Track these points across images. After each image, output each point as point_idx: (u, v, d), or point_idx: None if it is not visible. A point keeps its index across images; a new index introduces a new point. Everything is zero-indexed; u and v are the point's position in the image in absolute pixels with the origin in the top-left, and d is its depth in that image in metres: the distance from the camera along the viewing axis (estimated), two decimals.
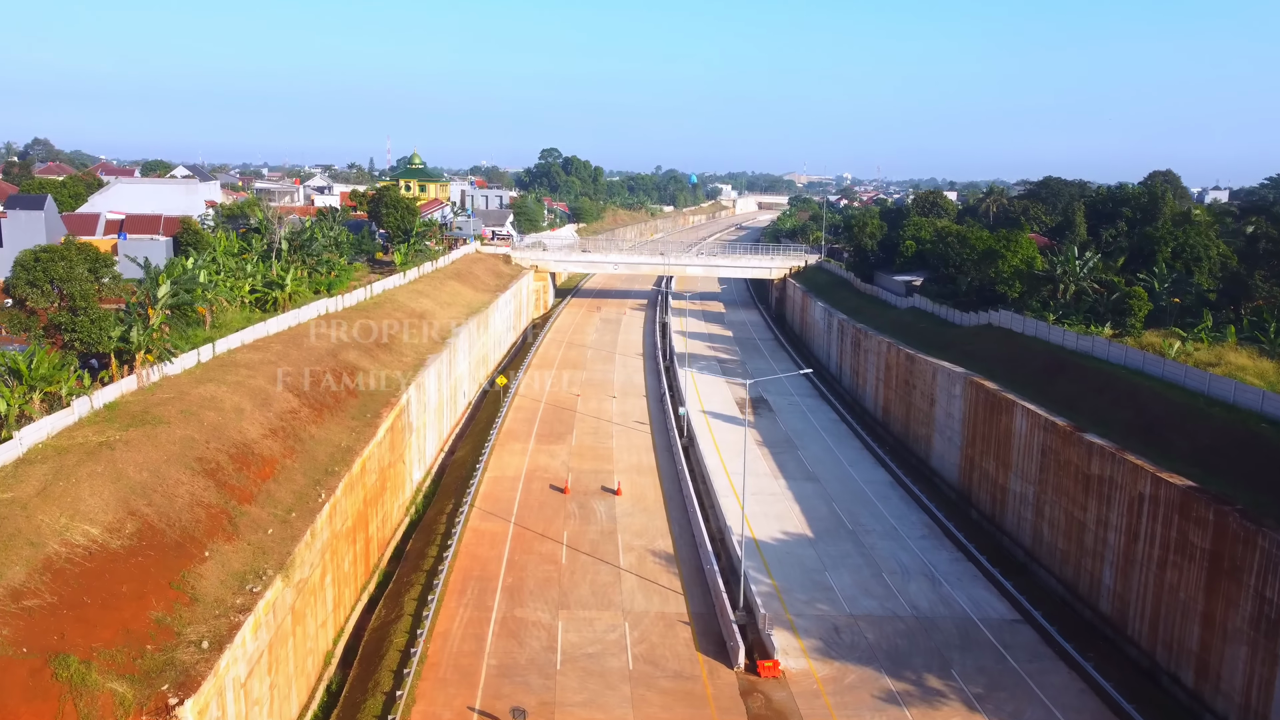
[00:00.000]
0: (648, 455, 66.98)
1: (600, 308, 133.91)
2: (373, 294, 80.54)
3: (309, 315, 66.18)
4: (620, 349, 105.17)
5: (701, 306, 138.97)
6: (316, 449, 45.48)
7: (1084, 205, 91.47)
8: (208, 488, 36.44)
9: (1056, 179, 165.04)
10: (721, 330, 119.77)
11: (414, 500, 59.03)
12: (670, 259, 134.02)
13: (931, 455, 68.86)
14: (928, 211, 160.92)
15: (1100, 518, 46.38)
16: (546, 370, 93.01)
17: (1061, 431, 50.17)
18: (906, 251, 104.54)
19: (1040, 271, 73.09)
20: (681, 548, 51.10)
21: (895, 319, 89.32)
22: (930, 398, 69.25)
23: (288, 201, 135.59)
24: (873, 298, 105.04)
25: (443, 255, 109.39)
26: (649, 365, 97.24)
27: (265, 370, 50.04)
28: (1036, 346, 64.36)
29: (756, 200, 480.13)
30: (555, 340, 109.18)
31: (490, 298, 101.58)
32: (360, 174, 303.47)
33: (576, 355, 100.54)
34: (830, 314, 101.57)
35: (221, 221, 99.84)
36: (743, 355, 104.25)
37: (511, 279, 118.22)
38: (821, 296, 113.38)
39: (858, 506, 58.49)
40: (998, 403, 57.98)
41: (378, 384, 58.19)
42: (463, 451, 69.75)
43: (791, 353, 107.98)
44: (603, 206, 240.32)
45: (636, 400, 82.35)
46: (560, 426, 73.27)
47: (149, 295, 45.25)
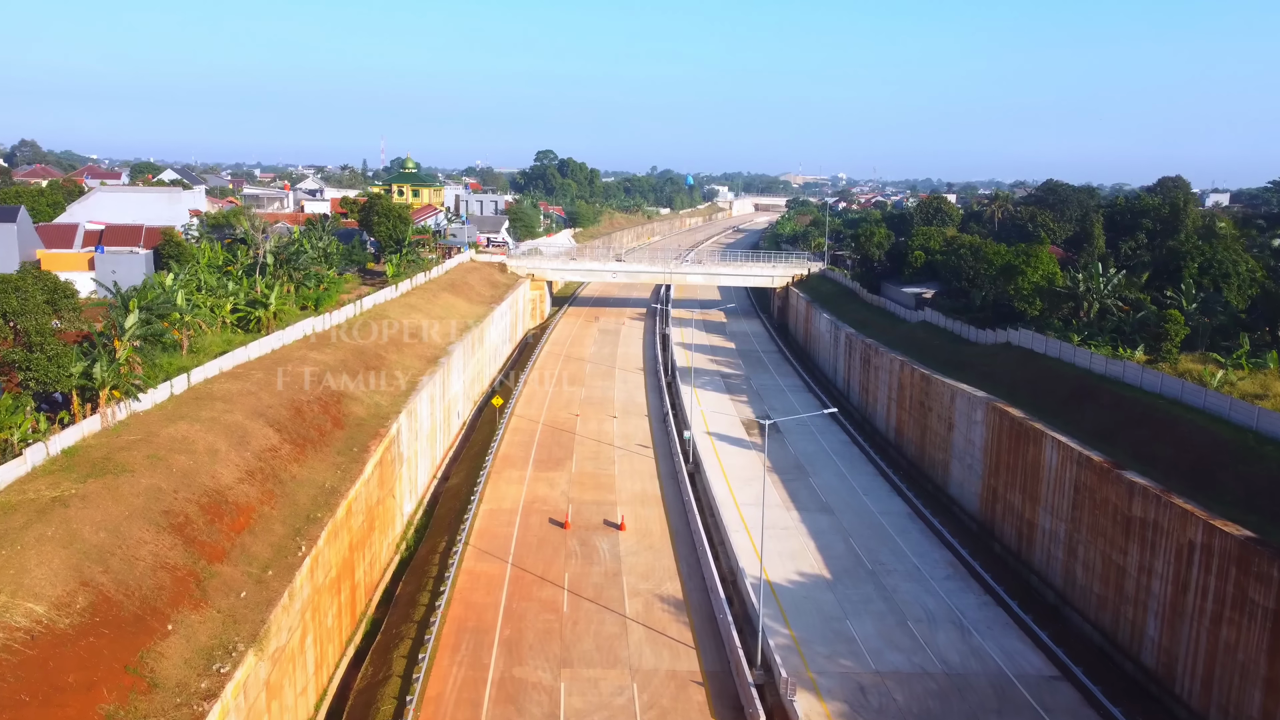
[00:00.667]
0: (652, 483, 63.56)
1: (598, 317, 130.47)
2: (362, 309, 77.03)
3: (294, 336, 62.66)
4: (620, 363, 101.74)
5: (702, 316, 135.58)
6: (298, 492, 41.98)
7: (1102, 216, 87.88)
8: (174, 546, 32.94)
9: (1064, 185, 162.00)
10: (723, 342, 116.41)
11: (405, 536, 55.56)
12: (670, 267, 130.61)
13: (949, 482, 65.56)
14: (931, 218, 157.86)
15: (1143, 564, 43.09)
16: (544, 387, 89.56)
17: (1098, 468, 46.87)
18: (915, 262, 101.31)
19: (1062, 288, 69.83)
20: (691, 592, 47.71)
21: (906, 334, 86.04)
22: (948, 422, 65.95)
23: (277, 208, 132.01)
24: (880, 309, 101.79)
25: (436, 265, 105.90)
26: (650, 381, 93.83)
27: (244, 403, 46.51)
28: (1061, 369, 61.08)
29: (753, 202, 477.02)
30: (553, 353, 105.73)
31: (485, 310, 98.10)
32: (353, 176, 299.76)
33: (575, 370, 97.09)
34: (837, 327, 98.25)
35: (206, 232, 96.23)
36: (746, 369, 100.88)
37: (507, 289, 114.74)
38: (826, 307, 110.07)
39: (876, 542, 55.14)
40: (1024, 432, 54.67)
41: (366, 412, 54.70)
42: (457, 478, 66.27)
43: (796, 366, 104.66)
44: (599, 210, 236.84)
45: (638, 420, 78.93)
46: (559, 451, 69.83)
47: (115, 325, 41.70)
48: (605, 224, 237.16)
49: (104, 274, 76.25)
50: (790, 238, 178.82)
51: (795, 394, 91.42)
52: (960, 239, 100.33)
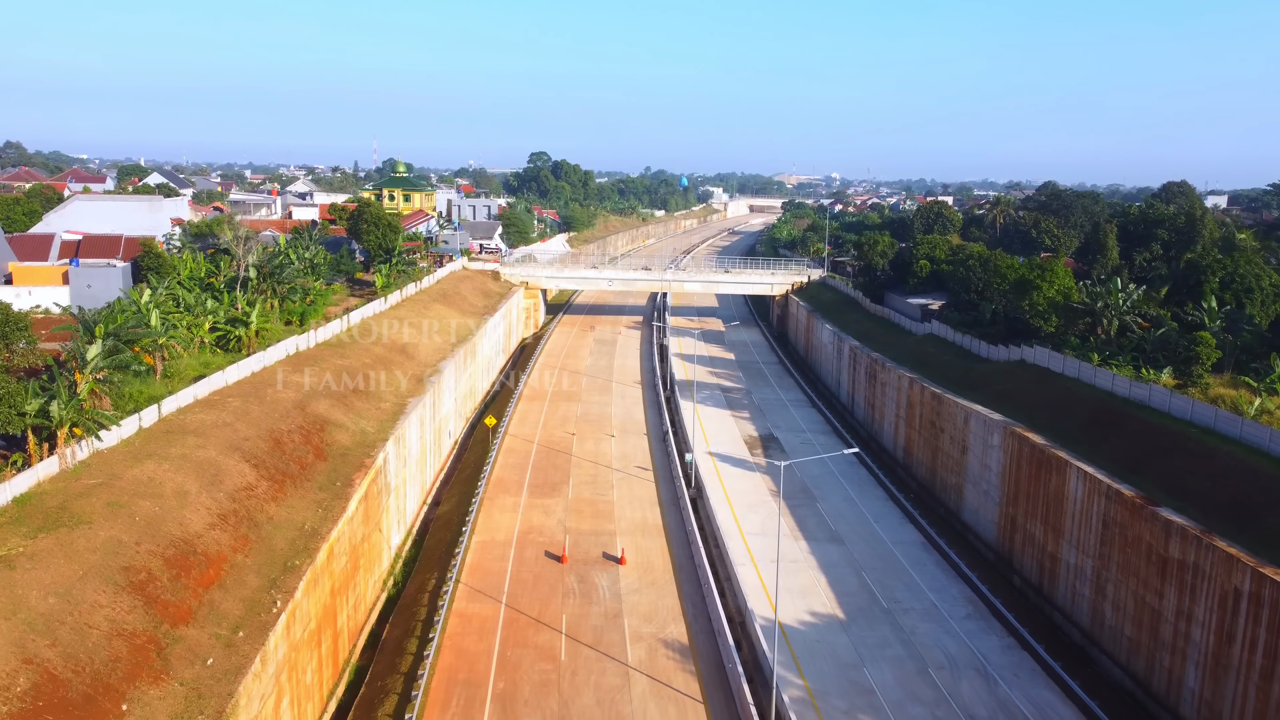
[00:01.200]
0: (652, 511, 60.60)
1: (594, 326, 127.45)
2: (349, 325, 73.92)
3: (276, 357, 59.54)
4: (617, 375, 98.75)
5: (700, 324, 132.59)
6: (275, 536, 38.92)
7: (1115, 227, 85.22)
8: (133, 608, 29.89)
9: (1068, 190, 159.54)
10: (723, 352, 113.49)
11: (392, 571, 52.51)
12: (668, 275, 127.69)
13: (963, 508, 62.77)
14: (932, 224, 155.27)
15: (1181, 609, 40.29)
16: (538, 403, 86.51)
17: (1129, 503, 44.08)
18: (920, 272, 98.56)
19: (1078, 304, 67.07)
20: (697, 635, 44.78)
21: (913, 348, 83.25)
22: (962, 445, 63.13)
23: (264, 214, 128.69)
24: (884, 320, 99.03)
25: (427, 274, 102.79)
26: (648, 395, 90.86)
27: (219, 435, 43.41)
28: (1082, 391, 58.32)
29: (748, 203, 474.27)
30: (548, 365, 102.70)
31: (478, 321, 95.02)
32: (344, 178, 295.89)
33: (570, 384, 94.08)
34: (840, 339, 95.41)
35: (188, 242, 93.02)
36: (747, 382, 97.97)
37: (500, 298, 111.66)
38: (828, 317, 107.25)
39: (890, 577, 52.27)
40: (1046, 460, 51.86)
41: (351, 440, 51.62)
42: (448, 505, 63.23)
43: (798, 379, 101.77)
44: (593, 213, 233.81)
45: (637, 439, 75.96)
46: (555, 474, 66.83)
47: (77, 356, 38.57)
48: (600, 227, 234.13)
49: (78, 288, 73.05)
50: (788, 243, 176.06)
51: (798, 409, 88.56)
52: (967, 249, 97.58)
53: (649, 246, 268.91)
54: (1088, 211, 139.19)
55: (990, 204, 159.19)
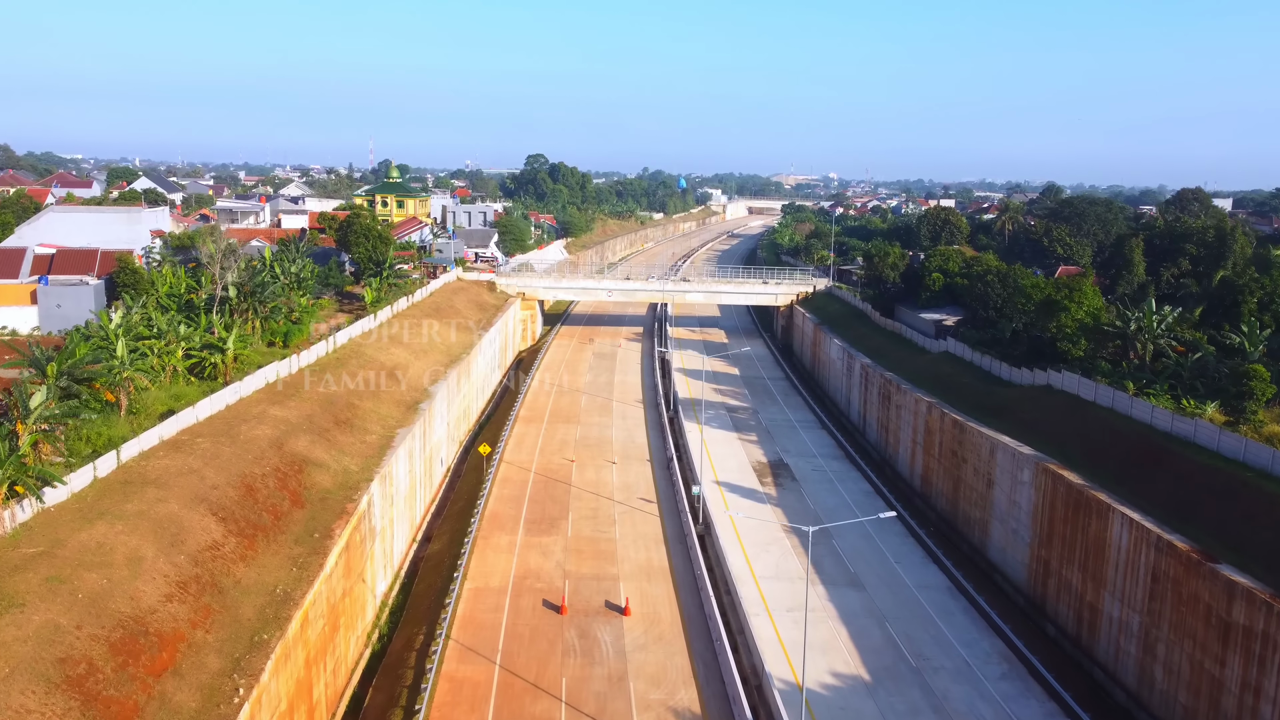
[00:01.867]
0: (658, 551, 56.62)
1: (593, 338, 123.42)
2: (336, 346, 69.91)
3: (254, 386, 55.50)
4: (618, 393, 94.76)
5: (702, 335, 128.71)
6: (242, 603, 34.90)
7: (1141, 241, 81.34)
8: (67, 711, 25.88)
9: (1079, 197, 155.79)
10: (727, 367, 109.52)
11: (377, 623, 48.49)
12: (669, 285, 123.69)
13: (989, 545, 58.87)
14: (939, 231, 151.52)
15: (1248, 681, 36.39)
16: (536, 425, 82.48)
17: (1183, 557, 40.19)
18: (933, 285, 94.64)
19: (1109, 327, 63.20)
20: (710, 700, 40.81)
21: (928, 368, 79.35)
22: (987, 478, 59.23)
23: (252, 222, 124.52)
24: (895, 335, 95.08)
25: (420, 287, 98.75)
26: (650, 416, 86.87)
27: (183, 485, 39.38)
28: (1118, 424, 54.41)
29: (747, 205, 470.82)
30: (545, 383, 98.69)
31: (473, 337, 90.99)
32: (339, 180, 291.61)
33: (569, 404, 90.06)
34: (850, 356, 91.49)
35: (169, 255, 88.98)
36: (754, 401, 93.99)
37: (496, 310, 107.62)
38: (836, 331, 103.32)
39: (917, 628, 48.33)
40: (1085, 502, 47.97)
41: (333, 482, 47.60)
42: (439, 543, 59.21)
43: (806, 397, 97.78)
44: (591, 217, 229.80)
45: (640, 467, 71.97)
46: (553, 508, 62.82)
47: (19, 405, 34.52)
48: (598, 231, 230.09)
49: (47, 309, 69.09)
50: (791, 250, 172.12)
51: (808, 431, 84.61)
52: (982, 261, 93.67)
53: (648, 250, 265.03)
54: (1101, 219, 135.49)
55: (998, 210, 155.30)
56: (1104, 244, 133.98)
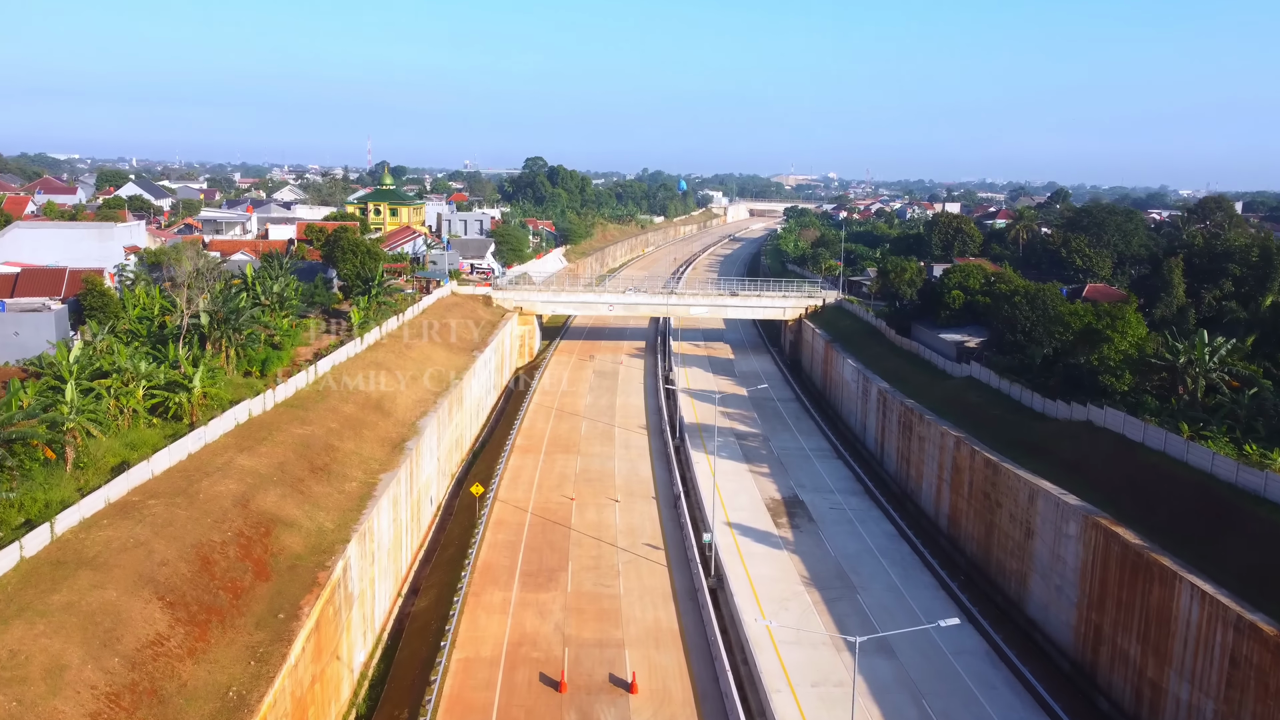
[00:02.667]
0: (666, 608, 51.55)
1: (593, 355, 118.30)
2: (317, 376, 64.87)
3: (222, 429, 50.45)
4: (620, 418, 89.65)
5: (706, 351, 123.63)
6: (187, 713, 29.83)
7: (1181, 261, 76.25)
8: None
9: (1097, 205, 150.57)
10: (733, 386, 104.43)
11: (354, 702, 43.38)
12: (672, 299, 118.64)
13: (1028, 600, 53.82)
14: (951, 240, 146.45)
15: None
16: (533, 455, 77.37)
17: (1270, 643, 35.18)
18: (953, 303, 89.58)
19: (1158, 359, 58.18)
20: None
21: (952, 395, 74.32)
22: (1026, 527, 54.19)
23: (237, 233, 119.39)
24: (913, 356, 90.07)
25: (412, 304, 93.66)
26: (655, 444, 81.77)
27: (127, 563, 34.31)
28: (1173, 471, 49.36)
29: (748, 207, 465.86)
30: (543, 405, 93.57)
31: (467, 359, 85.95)
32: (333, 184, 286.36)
33: (568, 430, 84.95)
34: (866, 379, 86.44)
35: (143, 273, 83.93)
36: (764, 426, 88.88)
37: (492, 328, 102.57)
38: (849, 349, 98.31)
39: (957, 705, 43.29)
40: (1145, 566, 42.95)
41: (304, 545, 42.54)
42: (427, 598, 54.12)
43: (819, 420, 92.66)
44: (591, 222, 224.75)
45: (645, 506, 66.90)
46: (551, 556, 57.73)
47: None
48: (598, 237, 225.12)
49: (4, 337, 63.87)
50: (797, 258, 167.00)
51: (822, 460, 79.57)
52: (1006, 279, 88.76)
53: (648, 255, 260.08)
54: (1121, 229, 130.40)
55: (1011, 218, 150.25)
56: (1124, 255, 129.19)
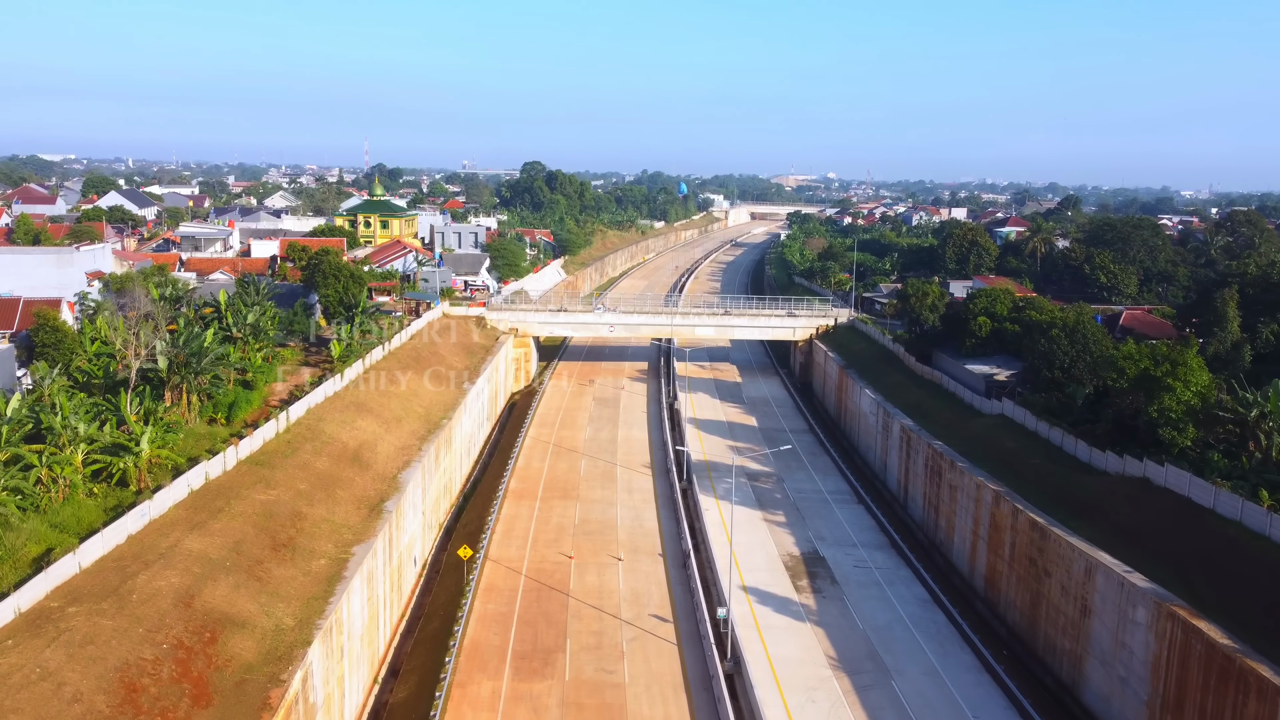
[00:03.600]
0: (678, 702, 45.41)
1: (593, 378, 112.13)
2: (289, 423, 58.78)
3: (171, 500, 44.34)
4: (622, 454, 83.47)
5: (712, 373, 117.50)
6: None
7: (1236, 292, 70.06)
8: None
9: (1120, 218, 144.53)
10: (742, 415, 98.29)
11: None
12: (677, 319, 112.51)
13: (1084, 687, 47.69)
14: (966, 253, 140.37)
15: None
16: (528, 502, 71.20)
17: None
18: (979, 330, 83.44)
19: (1226, 413, 52.08)
20: None
21: (984, 436, 68.27)
22: (1082, 603, 48.08)
23: (218, 250, 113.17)
24: (935, 387, 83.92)
25: (400, 330, 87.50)
26: (660, 486, 75.61)
27: (25, 708, 28.15)
28: (1256, 548, 43.28)
29: (749, 210, 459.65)
30: (539, 439, 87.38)
31: (457, 393, 79.83)
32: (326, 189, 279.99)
33: (566, 470, 78.77)
34: (887, 414, 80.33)
35: (107, 300, 77.73)
36: (777, 463, 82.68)
37: (486, 353, 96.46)
38: (865, 376, 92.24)
39: None
40: (1238, 675, 36.84)
41: (257, 650, 36.39)
42: (406, 686, 47.94)
43: (834, 455, 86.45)
44: (590, 231, 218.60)
45: (650, 565, 60.75)
46: (548, 632, 51.55)
47: None
48: (597, 245, 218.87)
49: None
50: (805, 272, 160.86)
51: (842, 505, 73.46)
52: (1038, 305, 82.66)
53: (649, 263, 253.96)
54: (1147, 245, 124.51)
55: (1029, 230, 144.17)
56: (1150, 271, 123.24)
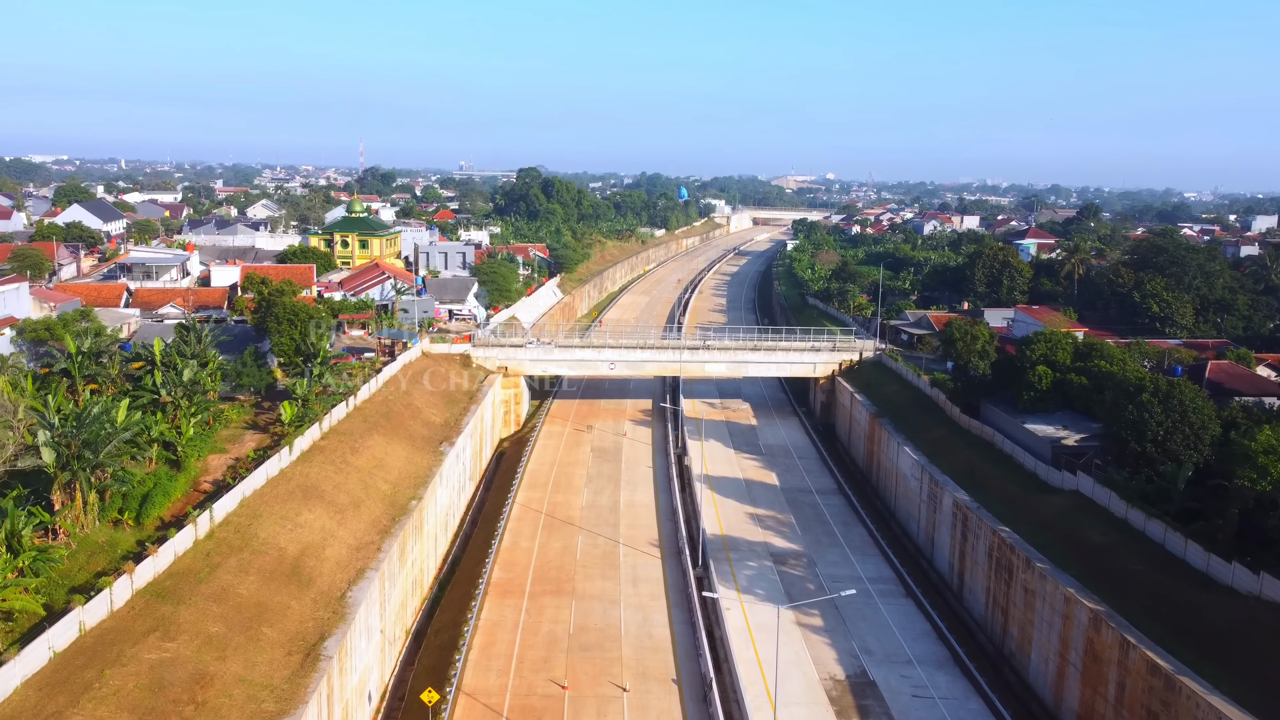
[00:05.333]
0: None
1: (591, 423, 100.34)
2: (212, 526, 47.16)
3: (16, 678, 32.66)
4: (625, 528, 71.77)
5: (724, 414, 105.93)
6: None
7: None
8: None
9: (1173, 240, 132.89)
10: (760, 470, 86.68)
11: None
12: (685, 355, 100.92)
13: None
14: (998, 275, 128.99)
15: None
16: (513, 600, 59.46)
17: None
18: (1038, 382, 71.93)
19: None
20: None
21: (1061, 521, 56.85)
22: None
23: (172, 278, 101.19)
24: (988, 447, 72.30)
25: (370, 378, 75.91)
26: (672, 575, 63.87)
27: None
28: None
29: (751, 215, 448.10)
30: (529, 507, 75.70)
31: (433, 458, 68.35)
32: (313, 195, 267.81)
33: (560, 552, 67.03)
34: (934, 481, 68.82)
35: (20, 352, 66.21)
36: (805, 538, 71.05)
37: (470, 400, 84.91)
38: (902, 428, 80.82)
39: None
40: None
41: None
42: None
43: (872, 528, 74.58)
44: (588, 244, 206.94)
45: (663, 698, 49.00)
46: None
47: None
48: (596, 258, 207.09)
49: None
50: (820, 293, 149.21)
51: (889, 602, 61.77)
52: (1109, 354, 71.31)
53: (651, 275, 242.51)
54: (1203, 270, 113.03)
55: (1067, 253, 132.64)
56: (1207, 299, 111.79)
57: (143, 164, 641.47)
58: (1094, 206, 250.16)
